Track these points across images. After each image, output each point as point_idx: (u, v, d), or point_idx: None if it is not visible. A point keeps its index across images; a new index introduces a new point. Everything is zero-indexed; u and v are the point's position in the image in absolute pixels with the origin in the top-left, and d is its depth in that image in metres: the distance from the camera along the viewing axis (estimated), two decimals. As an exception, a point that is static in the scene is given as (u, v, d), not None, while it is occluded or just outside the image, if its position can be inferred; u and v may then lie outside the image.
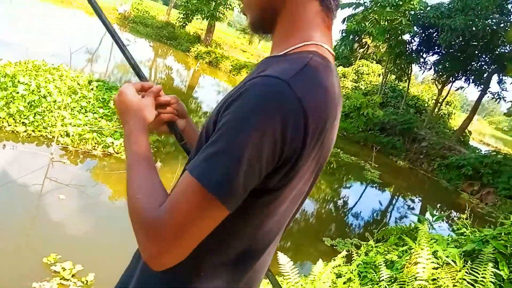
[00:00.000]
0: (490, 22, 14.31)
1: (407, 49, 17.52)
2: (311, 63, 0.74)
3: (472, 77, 16.91)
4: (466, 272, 2.84)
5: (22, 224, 3.68)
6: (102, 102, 6.97)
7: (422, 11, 15.96)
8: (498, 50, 15.52)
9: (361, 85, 21.62)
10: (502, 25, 14.24)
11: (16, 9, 15.06)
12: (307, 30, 0.80)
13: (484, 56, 16.20)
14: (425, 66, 18.06)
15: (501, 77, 16.43)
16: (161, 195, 0.74)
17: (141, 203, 0.72)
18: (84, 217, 4.16)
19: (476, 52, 15.65)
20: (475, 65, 16.69)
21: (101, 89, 7.52)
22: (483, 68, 16.58)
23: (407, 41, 17.49)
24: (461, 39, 14.89)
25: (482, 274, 2.75)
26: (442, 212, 8.39)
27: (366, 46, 20.61)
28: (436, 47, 16.89)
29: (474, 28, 13.95)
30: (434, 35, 16.46)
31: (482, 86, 16.52)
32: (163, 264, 0.71)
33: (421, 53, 17.75)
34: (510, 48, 15.26)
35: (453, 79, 17.91)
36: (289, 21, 0.82)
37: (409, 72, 18.60)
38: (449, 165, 12.29)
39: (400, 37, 16.84)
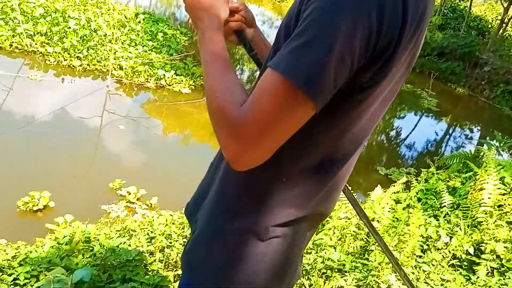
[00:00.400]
0: None
1: (472, -38, 15.65)
2: None
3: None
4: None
5: (87, 152, 3.89)
6: (150, 35, 6.94)
7: None
8: None
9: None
10: None
11: None
12: None
13: None
14: (491, -19, 16.15)
15: None
16: (242, 93, 0.69)
17: (222, 102, 0.68)
18: (144, 146, 4.33)
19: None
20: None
21: (148, 22, 7.46)
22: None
23: (473, -48, 15.57)
24: None
25: (559, 199, 2.57)
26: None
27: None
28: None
29: None
30: None
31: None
32: (245, 164, 0.67)
33: (488, -33, 15.81)
34: None
35: (524, -5, 15.95)
36: None
37: (473, -11, 16.77)
38: (513, 91, 11.40)
39: None
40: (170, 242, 2.48)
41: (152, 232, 2.59)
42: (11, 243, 2.45)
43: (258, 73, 0.93)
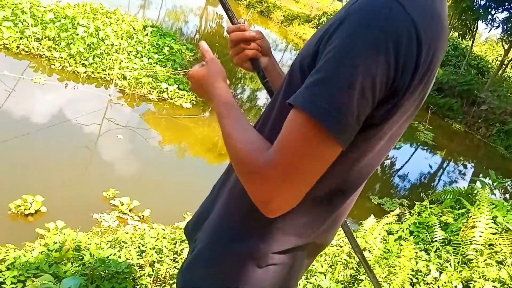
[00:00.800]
0: None
1: (475, 4, 16.04)
2: None
3: (545, 37, 15.34)
4: (530, 240, 2.69)
5: (83, 159, 3.88)
6: (157, 48, 7.01)
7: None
8: None
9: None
10: None
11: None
12: None
13: None
14: (492, 23, 16.53)
15: None
16: (264, 142, 0.72)
17: (246, 153, 0.70)
18: (140, 157, 4.33)
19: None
20: (550, 24, 15.05)
21: (155, 35, 7.55)
22: (559, 27, 14.95)
23: (475, -5, 15.98)
24: (537, -7, 13.39)
25: (550, 243, 2.59)
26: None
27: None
28: (506, 3, 15.34)
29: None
30: (506, -11, 14.92)
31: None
32: (277, 210, 0.69)
33: (490, 9, 16.22)
34: None
35: (522, 39, 16.32)
36: None
37: (474, 29, 17.16)
38: (508, 131, 11.54)
39: (468, -10, 15.41)
40: (161, 257, 2.46)
41: (143, 245, 2.57)
42: (0, 245, 2.43)
43: (259, 93, 0.98)
